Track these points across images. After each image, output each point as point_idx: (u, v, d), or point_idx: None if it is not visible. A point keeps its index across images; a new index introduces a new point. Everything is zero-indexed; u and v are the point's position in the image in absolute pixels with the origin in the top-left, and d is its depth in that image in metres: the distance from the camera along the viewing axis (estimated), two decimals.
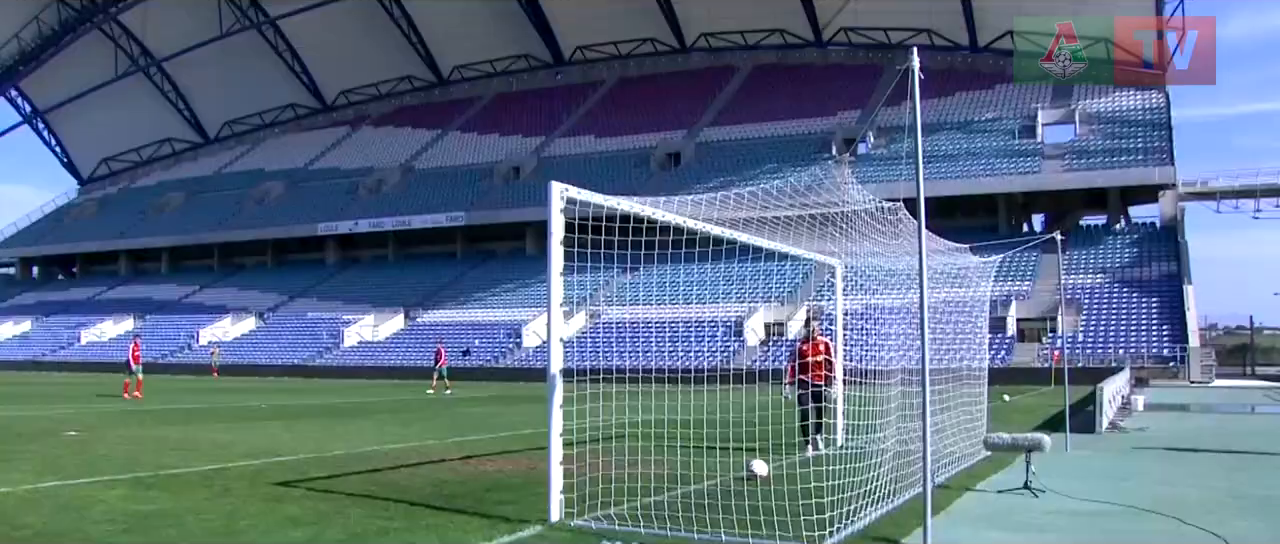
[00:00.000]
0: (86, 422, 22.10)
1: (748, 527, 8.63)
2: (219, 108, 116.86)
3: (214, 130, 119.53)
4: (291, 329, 76.55)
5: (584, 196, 9.64)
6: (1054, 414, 23.66)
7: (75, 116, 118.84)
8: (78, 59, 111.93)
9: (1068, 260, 58.22)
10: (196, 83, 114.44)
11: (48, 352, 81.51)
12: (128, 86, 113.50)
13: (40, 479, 12.28)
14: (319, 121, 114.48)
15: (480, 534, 8.71)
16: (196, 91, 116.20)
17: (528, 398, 34.85)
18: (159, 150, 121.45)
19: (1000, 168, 66.25)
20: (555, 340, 9.63)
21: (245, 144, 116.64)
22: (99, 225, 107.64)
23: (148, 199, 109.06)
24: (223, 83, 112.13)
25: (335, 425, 21.66)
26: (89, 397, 34.09)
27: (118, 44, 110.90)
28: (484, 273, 79.32)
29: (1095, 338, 52.57)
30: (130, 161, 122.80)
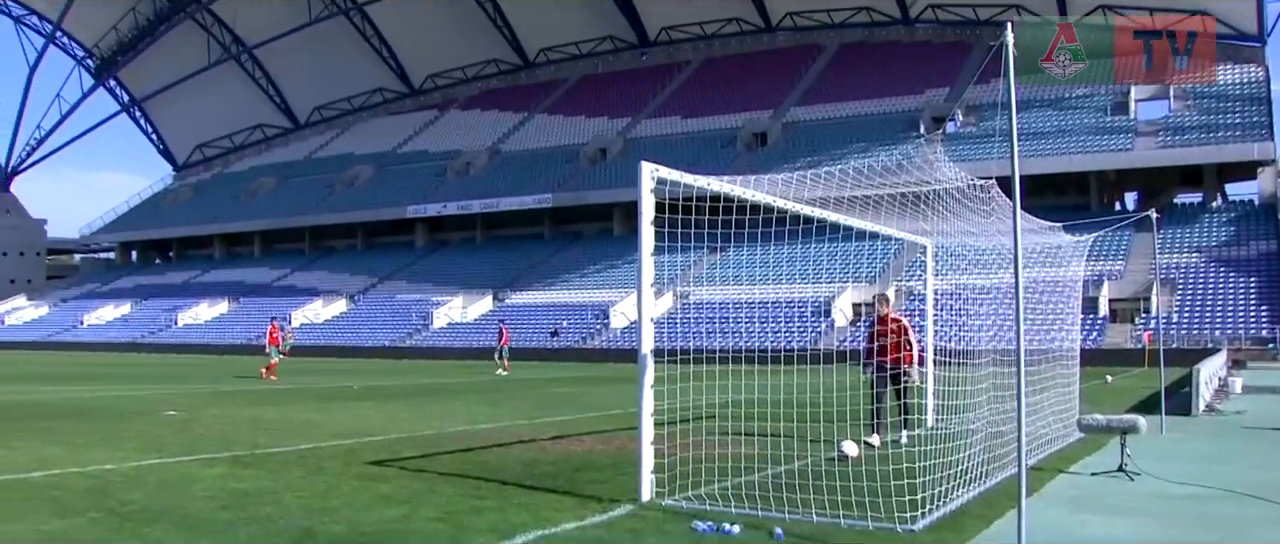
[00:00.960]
0: (185, 402, 22.56)
1: (838, 507, 8.58)
2: (309, 93, 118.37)
3: (304, 116, 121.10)
4: (381, 311, 77.41)
5: (674, 177, 9.62)
6: (1148, 396, 23.28)
7: (170, 105, 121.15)
8: (172, 49, 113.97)
9: (1162, 239, 57.08)
10: (286, 69, 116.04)
11: (146, 334, 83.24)
12: (220, 74, 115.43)
13: (143, 457, 12.57)
14: (406, 106, 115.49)
15: (572, 513, 8.76)
16: (286, 78, 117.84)
17: (615, 378, 35.03)
18: (251, 136, 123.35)
19: (1092, 145, 65.09)
20: (646, 320, 9.62)
21: (334, 129, 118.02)
22: (194, 210, 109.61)
23: (240, 184, 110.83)
24: (312, 69, 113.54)
25: (425, 406, 21.88)
26: (187, 377, 34.72)
27: (210, 33, 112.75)
28: (571, 254, 79.61)
29: (1190, 318, 51.55)
30: (223, 147, 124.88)
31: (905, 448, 11.31)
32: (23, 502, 9.43)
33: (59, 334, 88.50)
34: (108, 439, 14.67)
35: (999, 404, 10.73)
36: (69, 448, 13.55)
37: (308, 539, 7.70)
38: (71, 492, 9.96)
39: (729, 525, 8.06)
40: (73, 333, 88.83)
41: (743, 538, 7.81)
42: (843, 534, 7.98)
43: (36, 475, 11.02)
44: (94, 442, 14.30)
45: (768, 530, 8.00)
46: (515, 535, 7.82)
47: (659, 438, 9.70)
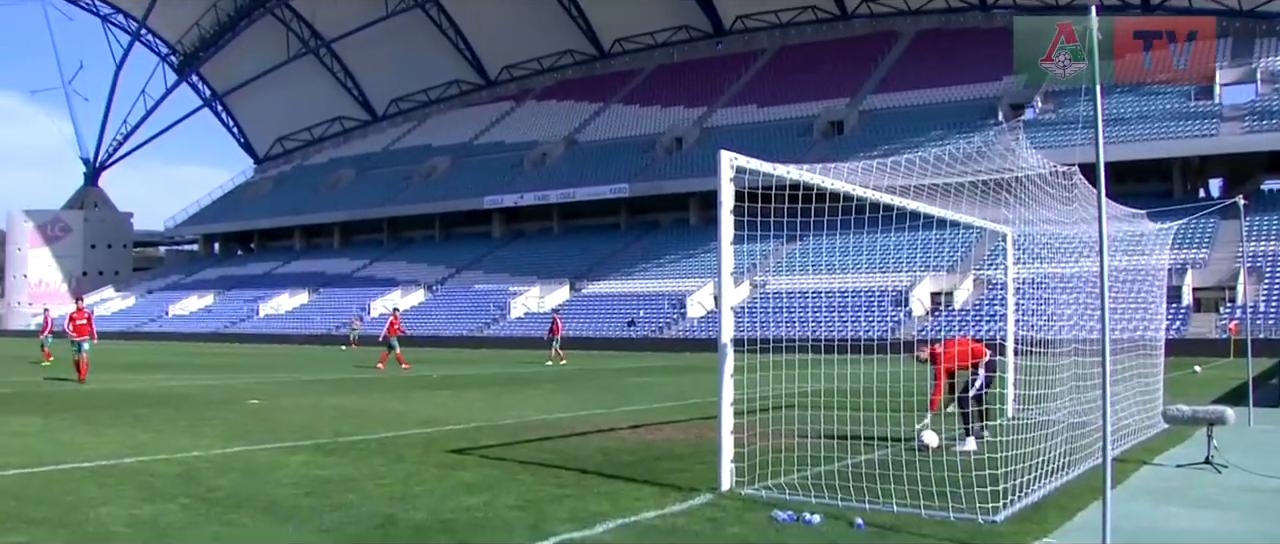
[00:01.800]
0: (267, 391, 22.91)
1: (919, 498, 8.54)
2: (386, 86, 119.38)
3: (381, 108, 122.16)
4: (459, 301, 77.96)
5: (753, 165, 9.59)
6: (1235, 387, 22.86)
7: (251, 99, 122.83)
8: (252, 44, 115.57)
9: (1248, 226, 55.91)
10: (364, 62, 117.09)
11: (229, 324, 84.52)
12: (299, 68, 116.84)
13: (228, 444, 12.81)
14: (483, 97, 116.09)
15: (652, 502, 8.79)
16: (364, 71, 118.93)
17: (692, 368, 35.00)
18: (329, 129, 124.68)
19: (1175, 131, 63.83)
20: (726, 309, 9.61)
21: (412, 120, 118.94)
22: (274, 202, 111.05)
23: (320, 176, 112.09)
24: (389, 62, 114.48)
25: (503, 395, 22.04)
26: (269, 367, 35.19)
27: (289, 27, 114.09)
28: (648, 244, 79.65)
29: (1278, 308, 50.50)
30: (303, 140, 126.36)
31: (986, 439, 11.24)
32: (116, 486, 9.67)
33: (145, 324, 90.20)
34: (194, 426, 14.96)
35: (1080, 395, 10.60)
36: (158, 435, 13.84)
37: (390, 526, 7.79)
38: (161, 477, 10.18)
39: (809, 515, 8.05)
40: (158, 323, 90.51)
41: (823, 528, 7.79)
42: (923, 525, 7.94)
43: (128, 461, 11.28)
44: (181, 429, 14.59)
45: (848, 521, 7.98)
46: (595, 524, 7.86)
47: (738, 427, 9.70)
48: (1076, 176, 10.92)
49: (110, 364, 33.25)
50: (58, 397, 20.40)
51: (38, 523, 7.94)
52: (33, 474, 10.47)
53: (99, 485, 9.70)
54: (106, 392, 21.90)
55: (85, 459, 11.45)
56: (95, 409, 17.50)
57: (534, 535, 7.44)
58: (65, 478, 10.21)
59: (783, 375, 11.70)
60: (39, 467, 10.93)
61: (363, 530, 7.63)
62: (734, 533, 7.61)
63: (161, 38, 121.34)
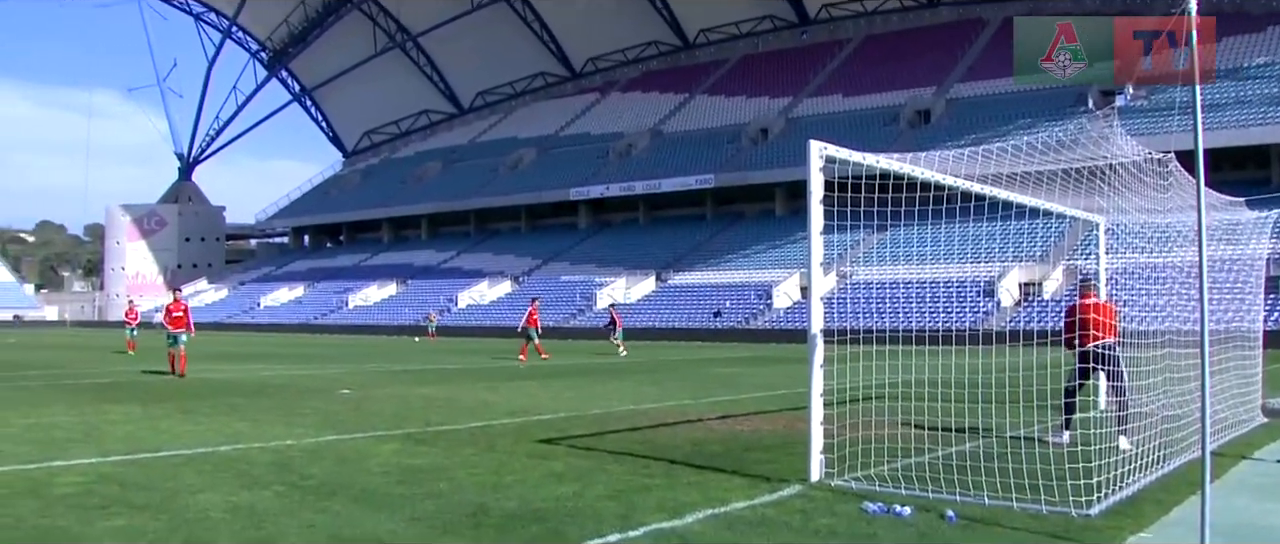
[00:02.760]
0: (357, 381, 23.21)
1: (1011, 491, 8.44)
2: (472, 79, 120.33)
3: (467, 101, 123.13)
4: (545, 292, 78.27)
5: (843, 155, 9.52)
6: None
7: (339, 93, 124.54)
8: (340, 39, 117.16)
9: None
10: (450, 56, 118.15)
11: (318, 315, 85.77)
12: (386, 62, 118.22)
13: (320, 433, 13.00)
14: (568, 89, 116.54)
15: (742, 493, 8.78)
16: (450, 64, 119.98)
17: (779, 359, 34.90)
18: (416, 122, 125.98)
19: (1273, 116, 62.37)
20: (816, 300, 9.57)
21: (497, 113, 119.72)
22: (362, 195, 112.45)
23: (407, 169, 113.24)
24: (475, 55, 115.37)
25: (591, 385, 22.11)
26: (359, 357, 35.61)
27: (376, 22, 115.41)
28: (733, 234, 79.52)
29: None
30: (390, 134, 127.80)
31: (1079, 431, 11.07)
32: (213, 473, 9.87)
33: (237, 316, 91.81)
34: (287, 415, 15.21)
35: (1174, 387, 10.41)
36: (252, 424, 14.09)
37: (481, 515, 7.85)
38: (256, 465, 10.36)
39: (899, 507, 8.00)
40: (250, 314, 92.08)
41: (913, 520, 7.73)
42: (1015, 518, 7.85)
43: (224, 449, 11.50)
44: (275, 418, 14.84)
45: (939, 513, 7.91)
46: (685, 514, 7.87)
47: (827, 418, 9.65)
48: (1172, 163, 10.72)
49: (205, 354, 33.87)
50: (157, 386, 20.83)
51: (139, 508, 8.13)
52: (134, 460, 10.72)
53: (197, 472, 9.91)
54: (202, 381, 22.32)
55: (183, 447, 11.72)
56: (192, 398, 17.85)
57: (624, 525, 7.47)
58: (164, 465, 10.44)
59: (873, 366, 11.63)
60: (140, 453, 11.19)
61: (454, 519, 7.70)
62: (824, 524, 7.58)
63: (252, 35, 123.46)
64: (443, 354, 38.79)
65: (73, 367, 29.18)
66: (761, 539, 7.10)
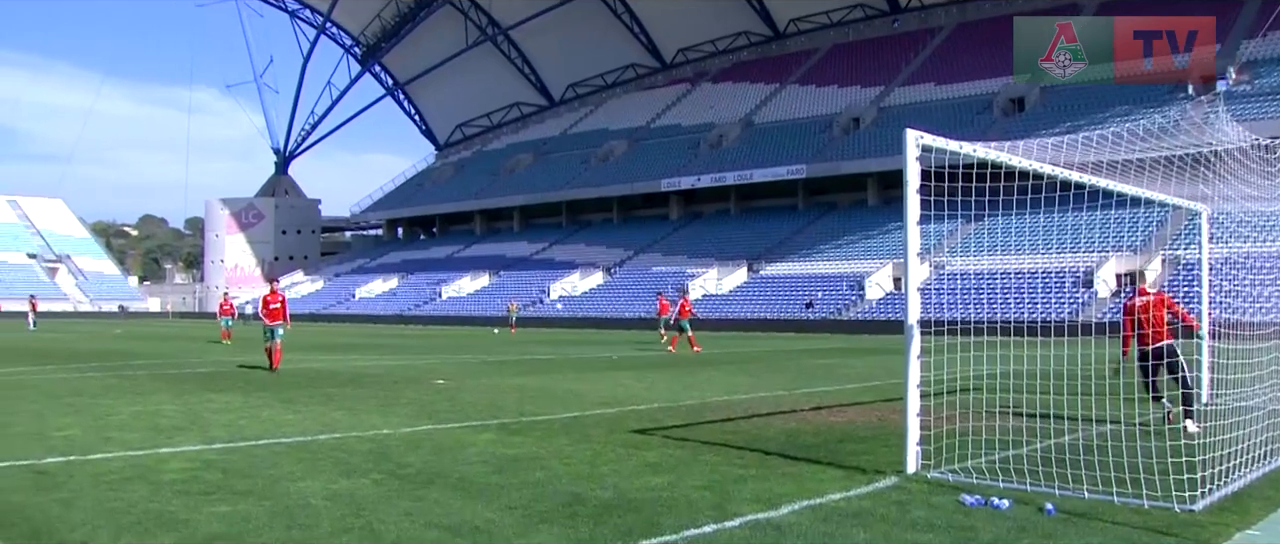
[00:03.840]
0: (451, 371, 23.44)
1: (1111, 485, 8.30)
2: (562, 71, 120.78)
3: (558, 93, 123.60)
4: (637, 283, 78.44)
5: (939, 143, 9.42)
6: None
7: (431, 87, 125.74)
8: (431, 33, 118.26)
9: None
10: (541, 48, 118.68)
11: (412, 306, 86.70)
12: (477, 56, 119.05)
13: (417, 423, 13.17)
14: (658, 80, 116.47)
15: (837, 484, 8.74)
16: (541, 57, 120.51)
17: (872, 350, 34.66)
18: (508, 114, 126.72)
19: None
20: (913, 291, 9.48)
21: (588, 105, 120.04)
22: (455, 188, 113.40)
23: (499, 161, 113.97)
24: (565, 47, 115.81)
25: (684, 376, 22.11)
26: (453, 348, 35.94)
27: (467, 16, 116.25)
28: (825, 225, 79.02)
29: None
30: (482, 126, 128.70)
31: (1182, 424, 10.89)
32: (312, 461, 10.04)
33: (332, 307, 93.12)
34: (384, 405, 15.42)
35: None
36: (350, 413, 14.30)
37: (577, 504, 7.90)
38: (354, 454, 10.53)
39: (998, 500, 7.92)
40: (345, 305, 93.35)
41: (1012, 513, 7.64)
42: (1117, 512, 7.72)
43: (323, 438, 11.70)
44: (371, 407, 15.04)
45: (1038, 506, 7.82)
46: (781, 505, 7.86)
47: (923, 409, 9.58)
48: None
49: (302, 345, 34.42)
50: (256, 376, 21.20)
51: (242, 494, 8.30)
52: (236, 448, 10.94)
53: (298, 460, 10.09)
54: (300, 371, 22.67)
55: (283, 435, 11.94)
56: (291, 388, 18.15)
57: (719, 516, 7.47)
58: (265, 452, 10.65)
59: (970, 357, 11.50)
60: (241, 441, 11.43)
61: (550, 508, 7.76)
62: (921, 516, 7.52)
63: (345, 30, 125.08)
64: (536, 344, 39.01)
65: (175, 357, 29.82)
66: (858, 531, 7.07)
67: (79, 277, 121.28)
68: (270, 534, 6.93)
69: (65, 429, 12.46)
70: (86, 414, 14.14)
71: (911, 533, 7.04)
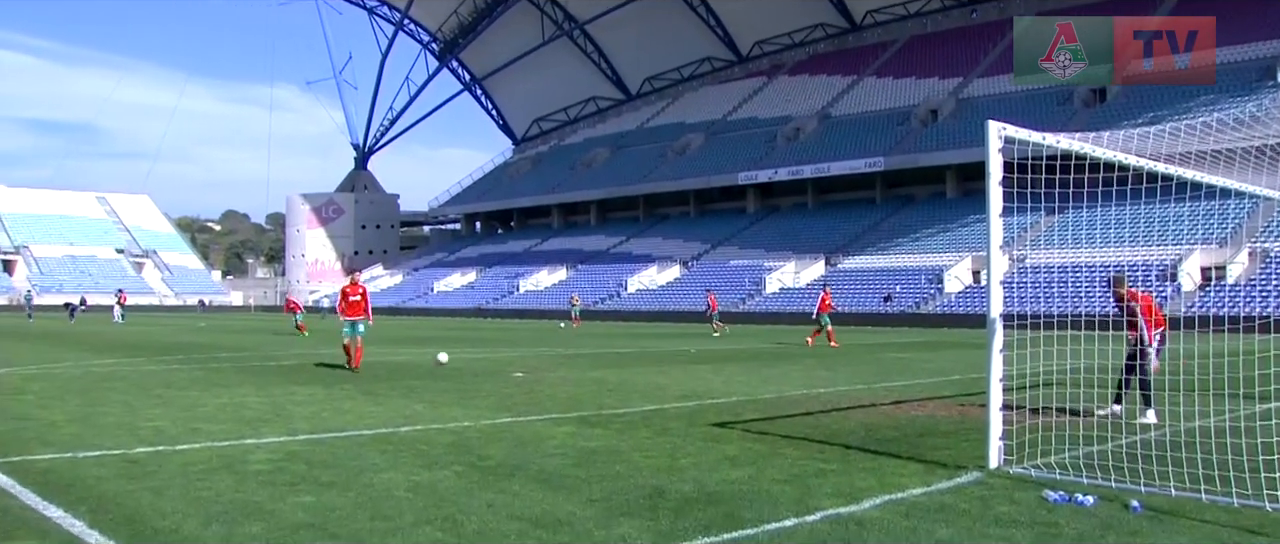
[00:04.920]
0: (530, 364, 23.57)
1: (1199, 482, 8.15)
2: (639, 65, 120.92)
3: (635, 87, 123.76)
4: (714, 277, 78.34)
5: (1022, 135, 9.31)
6: None
7: (508, 81, 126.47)
8: (508, 28, 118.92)
9: None
10: (617, 42, 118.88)
11: (490, 300, 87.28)
12: (554, 50, 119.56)
13: (496, 415, 13.26)
14: (735, 73, 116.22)
15: (918, 479, 8.68)
16: (617, 51, 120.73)
17: (951, 344, 34.41)
18: (584, 109, 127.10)
19: None
20: (995, 284, 9.39)
21: (665, 98, 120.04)
22: (533, 182, 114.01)
23: (576, 155, 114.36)
24: (642, 41, 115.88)
25: (762, 369, 22.07)
26: (530, 341, 36.10)
27: (543, 11, 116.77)
28: (903, 218, 78.46)
29: None
30: (559, 121, 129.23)
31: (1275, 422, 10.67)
32: (395, 453, 10.16)
33: (412, 300, 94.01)
34: (464, 398, 15.53)
35: None
36: (430, 405, 14.43)
37: (658, 497, 7.91)
38: (435, 446, 10.62)
39: (1082, 496, 7.80)
40: (424, 299, 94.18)
41: (1096, 510, 7.53)
42: (1205, 510, 7.58)
43: (404, 430, 11.82)
44: (451, 400, 15.17)
45: (1123, 503, 7.70)
46: (862, 500, 7.82)
47: (1006, 404, 9.48)
48: None
49: (382, 338, 34.77)
50: (339, 368, 21.42)
51: (326, 485, 8.40)
52: (319, 440, 11.10)
53: (380, 452, 10.20)
54: (382, 364, 22.89)
55: (366, 427, 12.07)
56: (372, 381, 18.35)
57: (800, 510, 7.45)
58: (349, 444, 10.79)
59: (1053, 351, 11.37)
60: (324, 433, 11.58)
61: (631, 501, 7.77)
62: (1003, 512, 7.44)
63: (423, 27, 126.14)
64: (615, 338, 39.06)
65: (258, 349, 30.26)
66: (940, 526, 7.01)
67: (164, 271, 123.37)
68: (354, 524, 7.01)
69: (154, 420, 12.71)
70: (174, 406, 14.41)
71: (994, 528, 6.96)
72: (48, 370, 21.45)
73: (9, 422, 12.59)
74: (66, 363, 23.92)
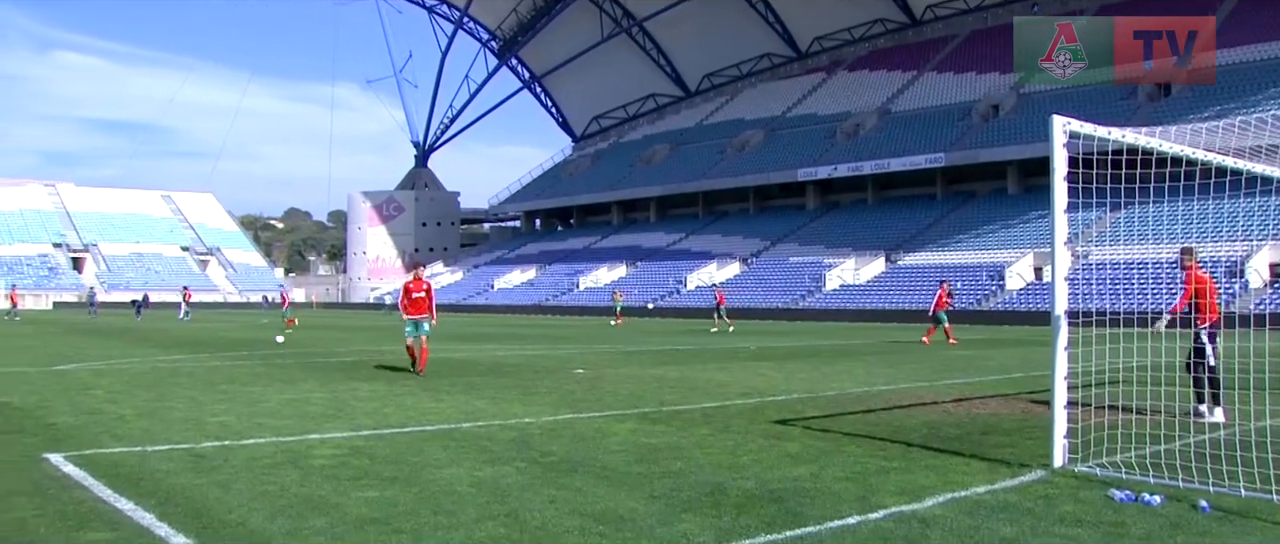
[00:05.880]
0: (590, 361, 23.62)
1: (1270, 481, 8.03)
2: (698, 62, 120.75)
3: (694, 84, 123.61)
4: (774, 273, 78.17)
5: (1087, 130, 9.20)
6: None
7: (567, 79, 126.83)
8: (567, 26, 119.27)
9: None
10: (676, 39, 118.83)
11: (550, 297, 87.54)
12: (613, 48, 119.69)
13: (557, 412, 13.31)
14: (794, 69, 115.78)
15: (982, 477, 8.62)
16: (676, 48, 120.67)
17: (1014, 341, 34.15)
18: (643, 106, 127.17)
19: None
20: (1060, 280, 9.29)
21: (724, 95, 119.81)
22: (592, 179, 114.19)
23: (635, 152, 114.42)
24: (700, 37, 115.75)
25: (823, 366, 21.99)
26: (591, 338, 36.17)
27: (602, 8, 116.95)
28: (964, 214, 77.81)
29: None
30: (618, 118, 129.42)
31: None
32: (457, 449, 10.23)
33: (472, 297, 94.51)
34: (525, 394, 15.61)
35: None
36: (492, 402, 14.51)
37: (719, 494, 7.91)
38: (497, 442, 10.68)
39: (1149, 495, 7.71)
40: (484, 296, 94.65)
41: (1164, 509, 7.43)
42: (1277, 511, 7.46)
43: (466, 426, 11.90)
44: (513, 396, 15.24)
45: (1191, 503, 7.60)
46: (924, 498, 7.78)
47: (1070, 401, 9.38)
48: None
49: (443, 335, 34.97)
50: (401, 365, 21.55)
51: (390, 480, 8.48)
52: (382, 435, 11.20)
53: (442, 448, 10.28)
54: (443, 361, 23.00)
55: (428, 423, 12.16)
56: (433, 377, 18.46)
57: (863, 507, 7.42)
58: (411, 440, 10.87)
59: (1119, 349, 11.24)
60: (387, 429, 11.68)
61: (693, 498, 7.78)
62: (1068, 511, 7.37)
63: (482, 25, 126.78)
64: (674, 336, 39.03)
65: (320, 346, 30.56)
66: (1004, 525, 6.95)
67: (228, 268, 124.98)
68: (417, 519, 7.07)
69: (219, 415, 12.89)
70: (239, 401, 14.59)
71: (1059, 528, 6.90)
72: (115, 366, 21.80)
73: (80, 415, 12.83)
74: (133, 359, 24.29)
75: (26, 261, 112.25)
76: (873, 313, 60.86)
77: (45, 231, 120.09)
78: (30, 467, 9.23)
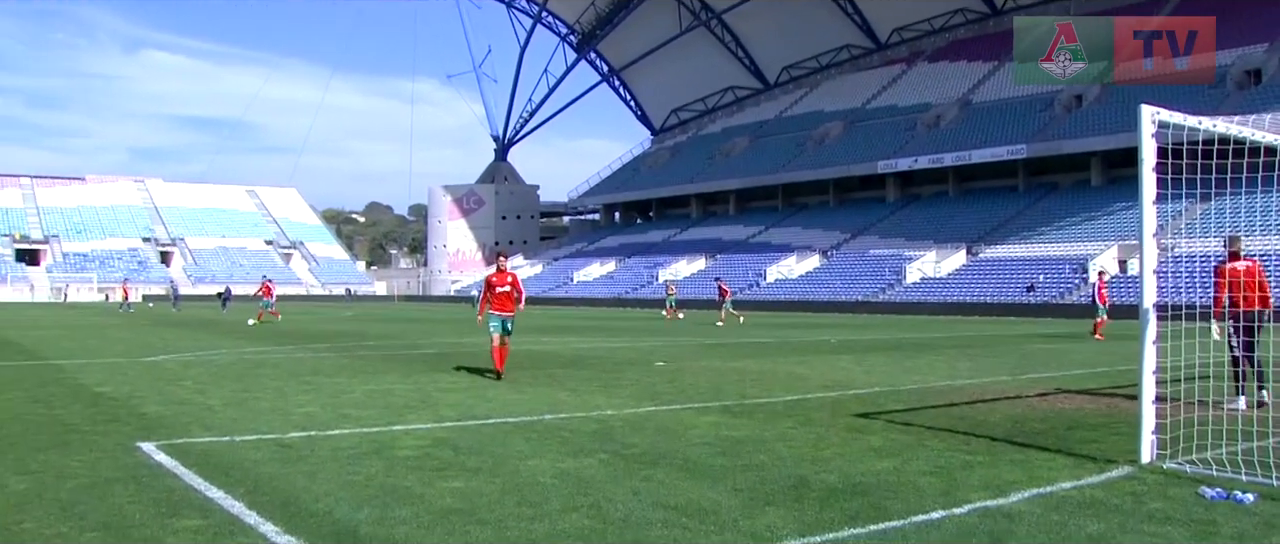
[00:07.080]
0: (671, 354, 23.65)
1: None
2: (777, 54, 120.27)
3: (773, 76, 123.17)
4: (854, 266, 77.76)
5: (1176, 119, 9.05)
6: None
7: (646, 72, 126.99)
8: (645, 19, 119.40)
9: None
10: (754, 31, 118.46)
11: (629, 289, 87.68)
12: (691, 40, 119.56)
13: (639, 404, 13.36)
14: (873, 61, 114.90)
15: (1067, 473, 8.51)
16: (755, 40, 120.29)
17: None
18: (722, 98, 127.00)
19: None
20: (1148, 273, 9.14)
21: (803, 87, 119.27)
22: (671, 172, 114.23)
23: (714, 145, 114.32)
24: (779, 29, 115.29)
25: (904, 360, 21.85)
26: (670, 331, 36.18)
27: (680, 1, 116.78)
28: (1047, 206, 76.83)
29: None
30: (697, 110, 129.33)
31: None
32: (540, 440, 10.32)
33: (552, 290, 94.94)
34: (606, 386, 15.68)
35: None
36: (573, 394, 14.59)
37: (802, 487, 7.89)
38: (579, 434, 10.74)
39: (1241, 493, 7.55)
40: (564, 289, 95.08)
41: (1257, 508, 7.27)
42: None
43: (548, 418, 11.97)
44: (594, 388, 15.32)
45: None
46: (1010, 493, 7.70)
47: (1159, 397, 9.23)
48: None
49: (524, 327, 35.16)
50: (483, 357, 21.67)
51: (474, 471, 8.57)
52: (466, 427, 11.32)
53: (525, 439, 10.36)
54: (525, 353, 23.12)
55: (510, 415, 12.26)
56: (515, 369, 18.53)
57: (947, 502, 7.36)
58: (494, 431, 10.98)
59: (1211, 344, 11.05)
60: (470, 420, 11.80)
61: (776, 491, 7.77)
62: (1157, 508, 7.25)
63: (561, 19, 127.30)
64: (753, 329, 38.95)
65: (403, 338, 30.88)
66: (1091, 522, 6.86)
67: (311, 262, 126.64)
68: (501, 510, 7.13)
69: (305, 406, 13.09)
70: (323, 392, 14.80)
71: (1148, 525, 6.79)
72: (203, 357, 22.21)
73: (170, 406, 13.09)
74: (220, 350, 24.71)
75: (117, 255, 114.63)
76: (954, 306, 60.31)
77: (135, 226, 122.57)
78: (125, 455, 9.45)
